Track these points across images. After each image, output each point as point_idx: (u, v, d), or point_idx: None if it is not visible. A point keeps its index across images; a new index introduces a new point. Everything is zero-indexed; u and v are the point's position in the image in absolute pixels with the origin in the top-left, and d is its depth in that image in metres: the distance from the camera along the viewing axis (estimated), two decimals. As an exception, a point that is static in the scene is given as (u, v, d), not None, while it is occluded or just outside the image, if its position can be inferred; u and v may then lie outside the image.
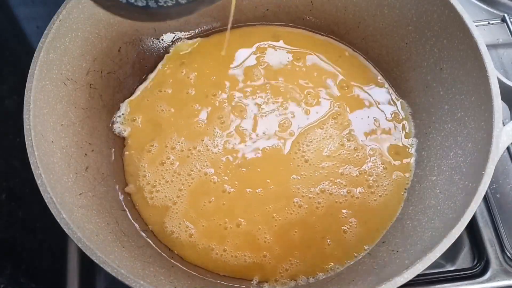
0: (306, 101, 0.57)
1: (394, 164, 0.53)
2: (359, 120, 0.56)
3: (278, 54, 0.60)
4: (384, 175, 0.52)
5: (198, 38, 0.61)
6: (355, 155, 0.53)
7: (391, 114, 0.56)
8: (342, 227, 0.49)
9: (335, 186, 0.51)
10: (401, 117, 0.56)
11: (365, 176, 0.52)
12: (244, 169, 0.52)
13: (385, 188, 0.52)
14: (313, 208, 0.50)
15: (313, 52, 0.60)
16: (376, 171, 0.52)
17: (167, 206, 0.50)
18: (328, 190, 0.51)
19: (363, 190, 0.51)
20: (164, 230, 0.50)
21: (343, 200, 0.51)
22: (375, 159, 0.53)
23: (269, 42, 0.61)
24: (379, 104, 0.57)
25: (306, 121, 0.55)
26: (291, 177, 0.52)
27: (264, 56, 0.60)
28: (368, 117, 0.56)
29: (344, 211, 0.50)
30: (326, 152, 0.53)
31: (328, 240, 0.49)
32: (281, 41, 0.61)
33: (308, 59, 0.60)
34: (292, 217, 0.50)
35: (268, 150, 0.53)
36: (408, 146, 0.54)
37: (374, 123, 0.55)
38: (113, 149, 0.54)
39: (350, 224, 0.50)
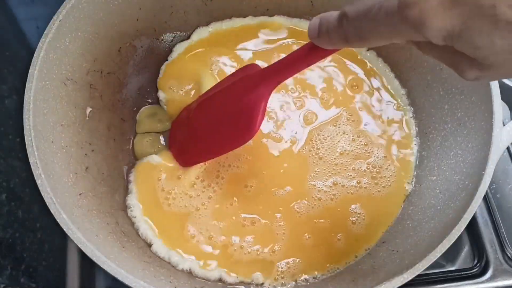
0: (320, 98, 0.57)
1: (396, 158, 0.54)
2: (368, 117, 0.56)
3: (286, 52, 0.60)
4: (386, 167, 0.53)
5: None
6: (364, 150, 0.54)
7: (392, 114, 0.56)
8: (351, 218, 0.50)
9: (346, 179, 0.52)
10: (402, 117, 0.56)
11: (370, 168, 0.53)
12: (262, 169, 0.53)
13: (388, 179, 0.52)
14: (328, 200, 0.51)
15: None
16: (379, 163, 0.53)
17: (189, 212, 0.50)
18: (340, 183, 0.52)
19: (368, 181, 0.52)
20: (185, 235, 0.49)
21: (354, 191, 0.52)
22: (379, 153, 0.54)
23: (278, 41, 0.61)
24: (383, 102, 0.57)
25: (320, 118, 0.56)
26: (308, 175, 0.52)
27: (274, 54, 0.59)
28: (375, 116, 0.56)
29: (354, 203, 0.51)
30: (339, 149, 0.54)
31: (339, 235, 0.49)
32: (288, 39, 0.61)
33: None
34: (312, 211, 0.50)
35: (283, 148, 0.54)
36: (409, 145, 0.54)
37: (380, 119, 0.56)
38: (113, 149, 0.54)
39: (359, 215, 0.50)
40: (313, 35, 0.34)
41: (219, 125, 0.49)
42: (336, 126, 0.55)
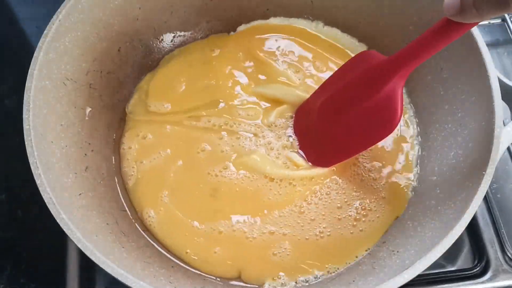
0: None
1: (398, 164, 0.53)
2: None
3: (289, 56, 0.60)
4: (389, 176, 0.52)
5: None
6: (384, 154, 0.53)
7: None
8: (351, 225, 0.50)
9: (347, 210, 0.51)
10: (403, 117, 0.56)
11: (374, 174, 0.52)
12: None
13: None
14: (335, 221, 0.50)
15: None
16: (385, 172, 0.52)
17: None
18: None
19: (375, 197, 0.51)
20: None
21: (356, 218, 0.50)
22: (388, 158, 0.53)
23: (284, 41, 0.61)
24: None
25: None
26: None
27: (282, 56, 0.59)
28: None
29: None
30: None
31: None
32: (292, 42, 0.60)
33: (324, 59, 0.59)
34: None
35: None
36: (411, 145, 0.54)
37: None
38: (113, 149, 0.54)
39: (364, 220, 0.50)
40: (455, 12, 0.32)
41: (355, 121, 0.47)
42: None
